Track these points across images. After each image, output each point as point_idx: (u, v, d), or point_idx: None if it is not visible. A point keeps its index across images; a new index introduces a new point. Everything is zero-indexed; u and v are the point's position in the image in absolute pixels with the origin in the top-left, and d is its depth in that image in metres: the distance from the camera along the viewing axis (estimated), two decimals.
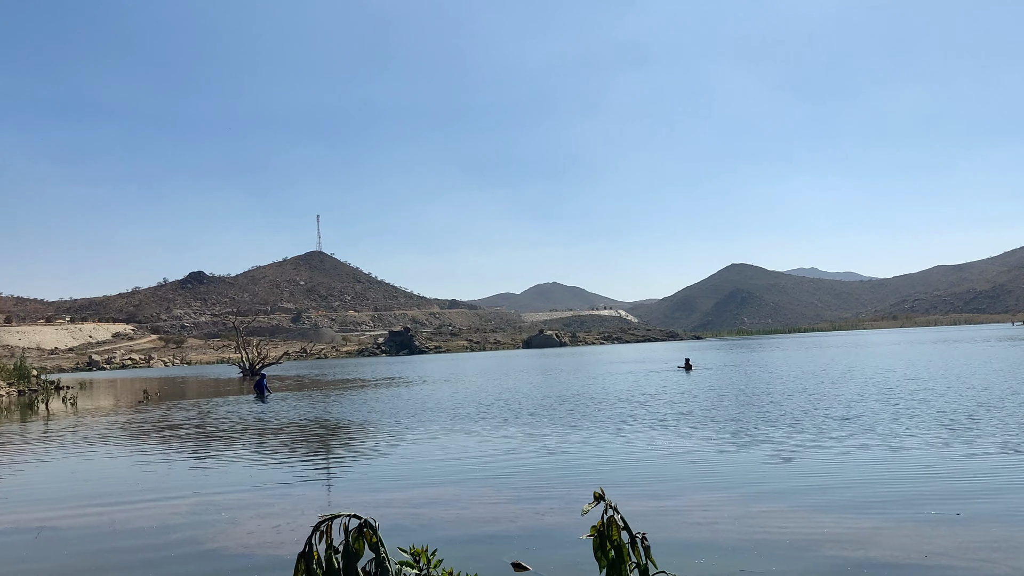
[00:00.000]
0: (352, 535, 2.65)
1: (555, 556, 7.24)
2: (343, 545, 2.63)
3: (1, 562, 7.82)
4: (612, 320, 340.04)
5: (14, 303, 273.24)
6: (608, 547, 2.33)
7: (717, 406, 20.59)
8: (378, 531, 2.63)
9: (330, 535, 2.64)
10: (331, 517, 2.60)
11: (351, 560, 2.59)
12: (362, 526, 2.65)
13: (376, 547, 2.62)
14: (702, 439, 14.51)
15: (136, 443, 18.42)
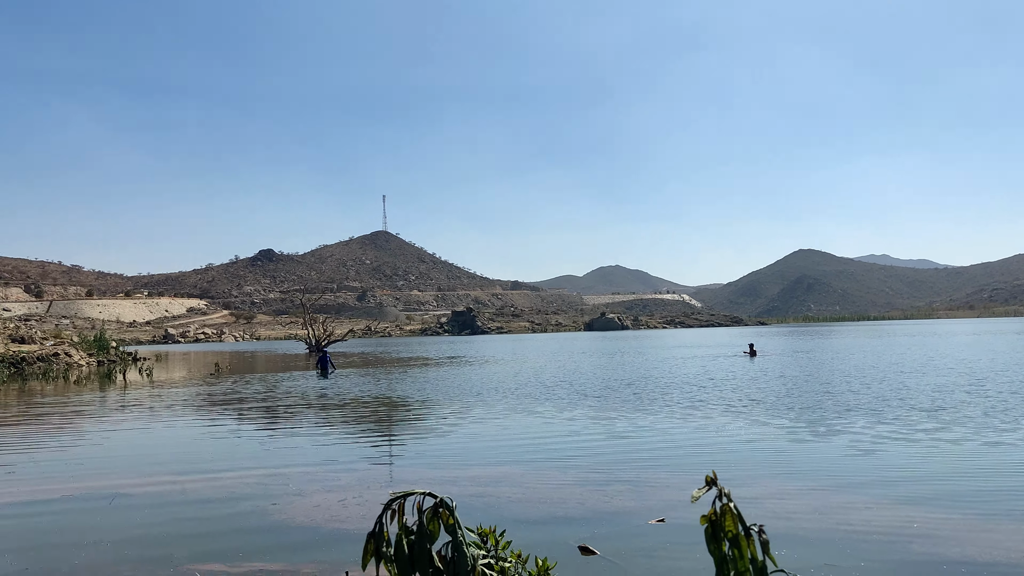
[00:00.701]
0: (426, 515, 2.41)
1: (624, 541, 6.97)
2: (416, 526, 2.39)
3: (77, 527, 7.93)
4: (675, 304, 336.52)
5: (95, 277, 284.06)
6: (722, 539, 2.01)
7: (790, 393, 19.93)
8: (455, 512, 2.38)
9: (402, 515, 2.40)
10: (403, 495, 2.37)
11: (425, 543, 2.34)
12: (437, 506, 2.40)
13: (453, 530, 2.37)
14: (775, 427, 13.99)
15: (207, 415, 18.74)
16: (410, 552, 2.35)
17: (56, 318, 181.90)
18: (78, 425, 16.95)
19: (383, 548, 2.38)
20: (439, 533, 2.40)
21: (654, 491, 8.97)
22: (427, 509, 2.41)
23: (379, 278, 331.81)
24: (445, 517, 2.40)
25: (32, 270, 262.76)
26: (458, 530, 2.38)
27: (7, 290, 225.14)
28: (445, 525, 2.41)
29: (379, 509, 8.10)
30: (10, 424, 17.57)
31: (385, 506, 2.38)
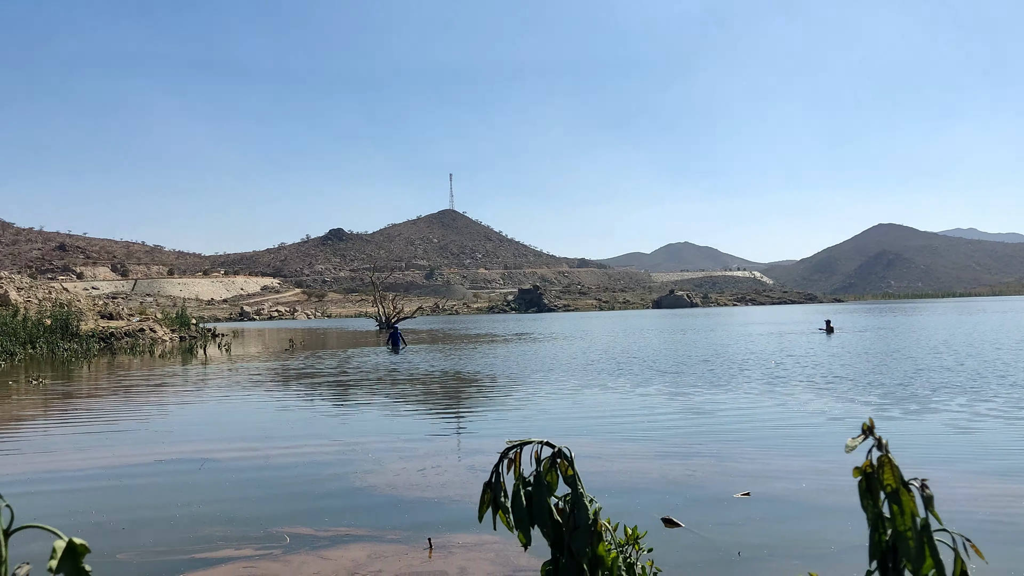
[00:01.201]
0: (544, 465, 2.27)
1: (708, 514, 6.80)
2: (534, 476, 2.26)
3: (170, 489, 8.18)
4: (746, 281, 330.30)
5: (176, 257, 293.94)
6: (879, 493, 1.80)
7: (876, 370, 19.24)
8: (574, 463, 2.24)
9: (519, 464, 2.27)
10: (520, 444, 2.23)
11: (544, 494, 2.21)
12: (555, 456, 2.26)
13: (573, 481, 2.23)
14: (863, 404, 13.49)
15: (284, 388, 19.12)
16: (528, 503, 2.21)
17: (140, 296, 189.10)
18: (165, 396, 17.49)
19: (500, 498, 2.26)
20: (557, 484, 2.27)
21: (738, 465, 8.73)
22: (545, 459, 2.27)
23: (446, 256, 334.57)
24: (564, 468, 2.26)
25: (118, 250, 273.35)
26: (578, 482, 2.24)
27: (95, 269, 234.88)
28: (564, 476, 2.27)
29: (457, 479, 8.20)
30: (104, 395, 18.24)
31: (501, 455, 2.26)
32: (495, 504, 2.19)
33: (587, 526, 2.14)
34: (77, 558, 1.33)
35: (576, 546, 2.15)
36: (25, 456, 10.35)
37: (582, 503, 2.14)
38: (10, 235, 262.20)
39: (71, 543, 1.31)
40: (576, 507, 2.14)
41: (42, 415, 14.75)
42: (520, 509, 2.13)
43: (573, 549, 2.15)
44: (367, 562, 5.67)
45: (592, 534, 2.17)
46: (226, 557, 5.83)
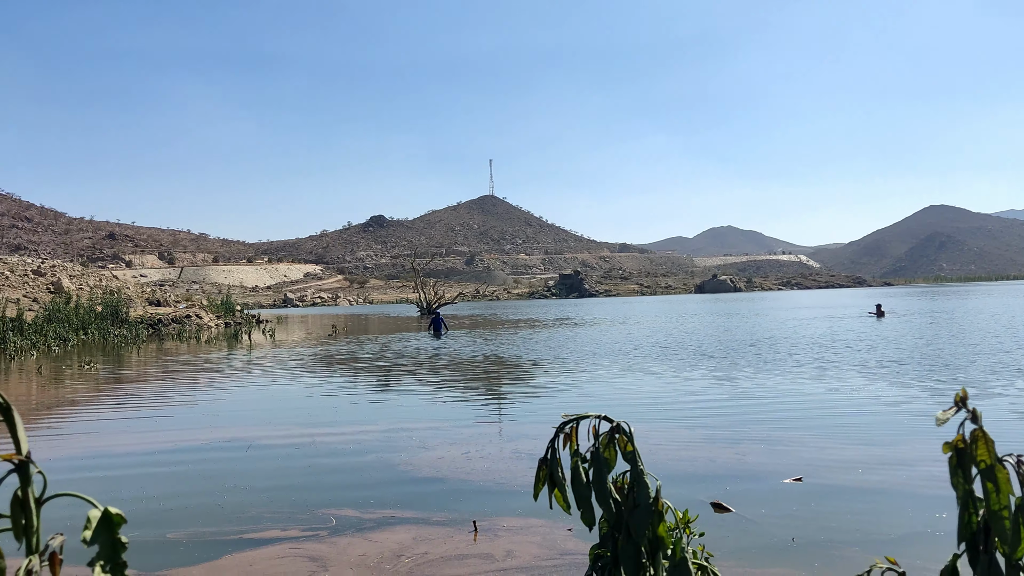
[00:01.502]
0: (602, 440, 2.16)
1: (758, 499, 6.64)
2: (592, 453, 2.14)
3: (221, 470, 8.26)
4: (791, 265, 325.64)
5: (220, 244, 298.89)
6: (970, 470, 1.65)
7: (932, 354, 18.71)
8: (633, 438, 2.12)
9: (575, 439, 2.16)
10: (576, 418, 2.12)
11: (602, 470, 2.09)
12: (614, 431, 2.14)
13: (633, 458, 2.11)
14: (920, 389, 13.12)
15: (327, 373, 19.26)
16: (587, 480, 2.10)
17: (187, 283, 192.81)
18: (211, 381, 17.73)
19: (557, 475, 2.14)
20: (615, 461, 2.15)
21: (789, 450, 8.52)
22: (603, 434, 2.15)
23: (486, 242, 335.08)
24: (623, 444, 2.14)
25: (165, 238, 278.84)
26: (638, 459, 2.11)
27: (143, 257, 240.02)
28: (623, 452, 2.15)
29: (501, 462, 8.12)
30: (152, 380, 18.56)
31: (557, 429, 2.14)
32: (551, 481, 2.08)
33: (648, 505, 2.02)
34: (113, 528, 1.25)
35: (636, 526, 2.03)
36: (77, 438, 10.55)
37: (643, 480, 2.02)
38: (62, 225, 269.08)
39: (107, 512, 1.23)
40: (636, 485, 2.02)
41: (93, 399, 15.05)
42: (581, 487, 2.01)
43: (632, 529, 2.04)
44: (412, 544, 5.64)
45: (653, 513, 2.06)
46: (273, 538, 5.84)
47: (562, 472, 2.16)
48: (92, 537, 1.21)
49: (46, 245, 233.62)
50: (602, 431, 2.11)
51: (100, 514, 1.22)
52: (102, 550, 1.20)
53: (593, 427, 2.14)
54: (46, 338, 32.37)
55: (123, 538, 1.24)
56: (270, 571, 5.16)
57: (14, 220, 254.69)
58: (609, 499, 2.08)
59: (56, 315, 36.25)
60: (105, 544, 1.22)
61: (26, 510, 1.16)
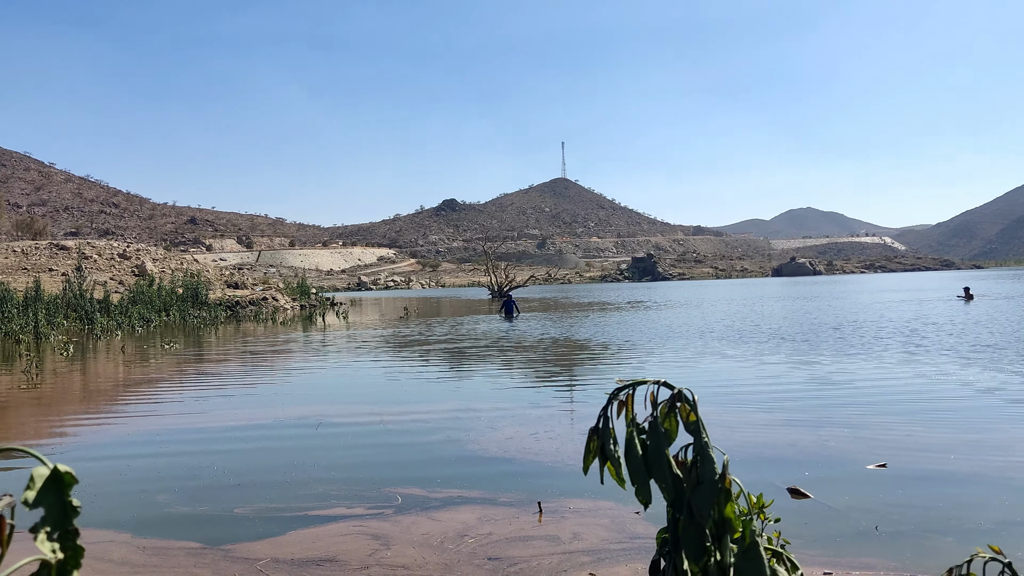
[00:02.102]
0: (661, 409, 1.92)
1: (839, 486, 6.28)
2: (649, 423, 1.90)
3: (290, 447, 8.33)
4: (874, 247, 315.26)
5: (297, 229, 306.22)
6: None
7: None
8: (697, 407, 1.87)
9: (631, 408, 1.93)
10: (632, 384, 1.88)
11: (661, 443, 1.85)
12: (674, 399, 1.91)
13: (696, 429, 1.86)
14: (1013, 374, 12.34)
15: (398, 354, 19.38)
16: (643, 453, 1.87)
17: (264, 266, 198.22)
18: (285, 361, 18.04)
19: (610, 447, 1.91)
20: (677, 433, 1.91)
21: (874, 436, 8.08)
22: (662, 403, 1.91)
23: (558, 225, 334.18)
24: (685, 413, 1.90)
25: (243, 223, 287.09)
26: (702, 430, 1.87)
27: (223, 241, 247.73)
28: (685, 423, 1.91)
29: (570, 443, 7.92)
30: (230, 359, 19.00)
31: (610, 396, 1.91)
32: (603, 454, 1.85)
33: (713, 481, 1.78)
34: (64, 489, 1.07)
35: (699, 505, 1.79)
36: (157, 415, 10.85)
37: (708, 454, 1.78)
38: (147, 210, 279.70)
39: (55, 471, 1.05)
40: (700, 459, 1.78)
41: (173, 378, 15.46)
42: (635, 460, 1.78)
43: (695, 508, 1.80)
44: (477, 524, 5.52)
45: (719, 491, 1.81)
46: (339, 515, 5.80)
47: (616, 444, 1.93)
48: (36, 499, 1.02)
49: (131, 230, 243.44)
50: (661, 399, 1.87)
51: (48, 473, 1.05)
52: (49, 514, 1.02)
53: (651, 394, 1.91)
54: (130, 319, 33.59)
55: (74, 501, 1.06)
56: (333, 548, 5.11)
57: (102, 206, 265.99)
58: (668, 474, 1.84)
59: (140, 297, 37.59)
60: (53, 507, 1.04)
61: None
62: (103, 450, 8.48)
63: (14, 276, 42.77)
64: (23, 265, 47.08)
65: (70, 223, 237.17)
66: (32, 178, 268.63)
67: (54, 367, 17.47)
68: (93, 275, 43.28)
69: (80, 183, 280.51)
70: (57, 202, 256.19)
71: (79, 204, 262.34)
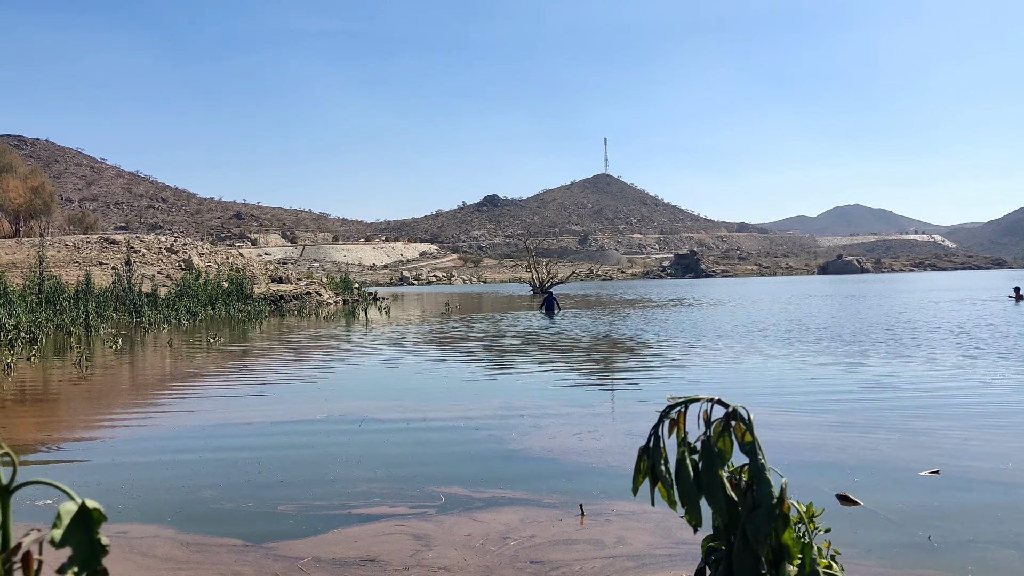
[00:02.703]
0: (715, 428, 1.83)
1: (889, 493, 6.08)
2: (702, 442, 1.82)
3: (334, 444, 8.34)
4: (924, 245, 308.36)
5: (340, 224, 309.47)
6: None
7: None
8: (753, 427, 1.78)
9: (683, 426, 1.84)
10: (685, 401, 1.79)
11: (715, 464, 1.77)
12: (729, 417, 1.82)
13: (752, 450, 1.76)
14: None
15: (440, 350, 19.40)
16: (695, 475, 1.78)
17: (307, 261, 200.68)
18: (329, 356, 18.19)
19: (660, 468, 1.83)
20: (731, 453, 1.82)
21: (928, 441, 7.84)
22: (716, 421, 1.82)
23: (600, 221, 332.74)
24: (740, 432, 1.80)
25: (287, 218, 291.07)
26: (758, 451, 1.77)
27: (267, 236, 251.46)
28: (740, 443, 1.81)
29: (614, 444, 7.81)
30: (274, 354, 19.22)
31: (661, 414, 1.82)
32: (653, 474, 1.77)
33: (771, 506, 1.69)
34: (91, 526, 1.01)
35: (755, 530, 1.70)
36: (203, 409, 10.99)
37: (764, 477, 1.68)
38: (194, 205, 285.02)
39: (83, 507, 1.00)
40: (756, 481, 1.68)
41: (219, 371, 15.68)
42: (687, 482, 1.69)
43: (751, 534, 1.71)
44: (519, 526, 5.45)
45: (777, 516, 1.72)
46: (381, 514, 5.78)
47: (667, 464, 1.84)
48: (63, 537, 0.97)
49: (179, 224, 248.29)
50: (715, 417, 1.79)
51: (76, 509, 0.99)
52: (76, 553, 0.97)
53: (704, 412, 1.82)
54: (177, 312, 34.20)
55: (103, 538, 1.00)
56: (374, 548, 5.09)
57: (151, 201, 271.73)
58: (722, 497, 1.75)
59: (186, 291, 38.27)
60: (81, 546, 0.99)
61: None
62: (150, 444, 8.60)
63: (66, 269, 43.89)
64: (74, 259, 48.28)
65: (120, 217, 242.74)
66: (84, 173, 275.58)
67: (103, 360, 17.85)
68: (141, 269, 44.19)
69: (130, 178, 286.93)
70: (108, 197, 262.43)
71: (129, 199, 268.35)
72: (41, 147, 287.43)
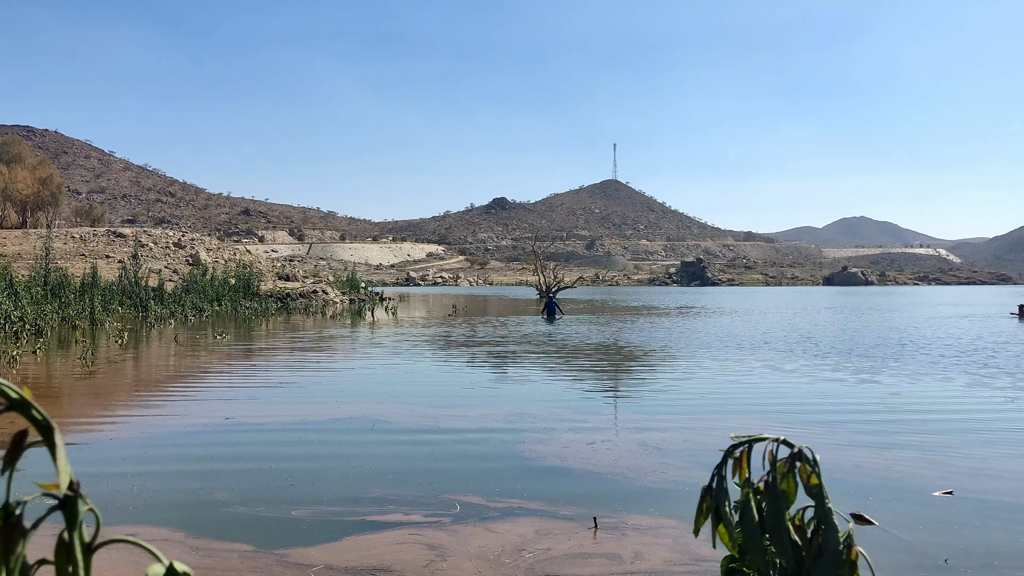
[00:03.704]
0: (779, 469, 1.75)
1: (905, 512, 6.00)
2: (766, 482, 1.73)
3: (346, 446, 8.30)
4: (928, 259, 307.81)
5: (348, 223, 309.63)
6: None
7: None
8: (819, 466, 1.70)
9: (746, 466, 1.76)
10: (749, 440, 1.71)
11: (780, 506, 1.68)
12: (794, 458, 1.73)
13: (818, 493, 1.68)
14: None
15: (449, 353, 19.34)
16: (760, 517, 1.70)
17: (315, 259, 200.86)
18: (336, 356, 18.12)
19: (725, 509, 1.74)
20: (795, 495, 1.74)
21: (943, 460, 7.74)
22: (780, 461, 1.74)
23: (608, 227, 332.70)
24: (805, 474, 1.72)
25: (295, 216, 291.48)
26: (824, 494, 1.69)
27: (275, 233, 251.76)
28: (805, 486, 1.73)
29: (628, 455, 7.73)
30: (282, 353, 19.17)
31: (726, 453, 1.74)
32: (716, 515, 1.69)
33: (837, 552, 1.61)
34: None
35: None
36: (211, 408, 10.89)
37: (831, 521, 1.60)
38: (202, 200, 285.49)
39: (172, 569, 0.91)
40: (823, 526, 1.61)
41: (227, 370, 15.61)
42: (751, 525, 1.62)
43: None
44: (535, 539, 5.37)
45: (843, 563, 1.63)
46: (395, 522, 5.70)
47: (729, 506, 1.76)
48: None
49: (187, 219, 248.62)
50: (781, 457, 1.70)
51: (163, 572, 0.91)
52: None
53: (770, 452, 1.73)
54: (183, 308, 34.17)
55: None
56: (388, 557, 5.01)
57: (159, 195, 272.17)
58: (788, 542, 1.67)
59: (193, 286, 38.24)
60: None
61: (71, 557, 0.86)
62: (159, 443, 8.52)
63: (72, 262, 43.92)
64: (80, 251, 48.32)
65: (127, 211, 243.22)
66: (92, 165, 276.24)
67: (109, 355, 17.80)
68: (148, 263, 44.20)
69: (138, 172, 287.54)
70: (116, 190, 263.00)
71: (137, 192, 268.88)
72: (50, 138, 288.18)
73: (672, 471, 7.23)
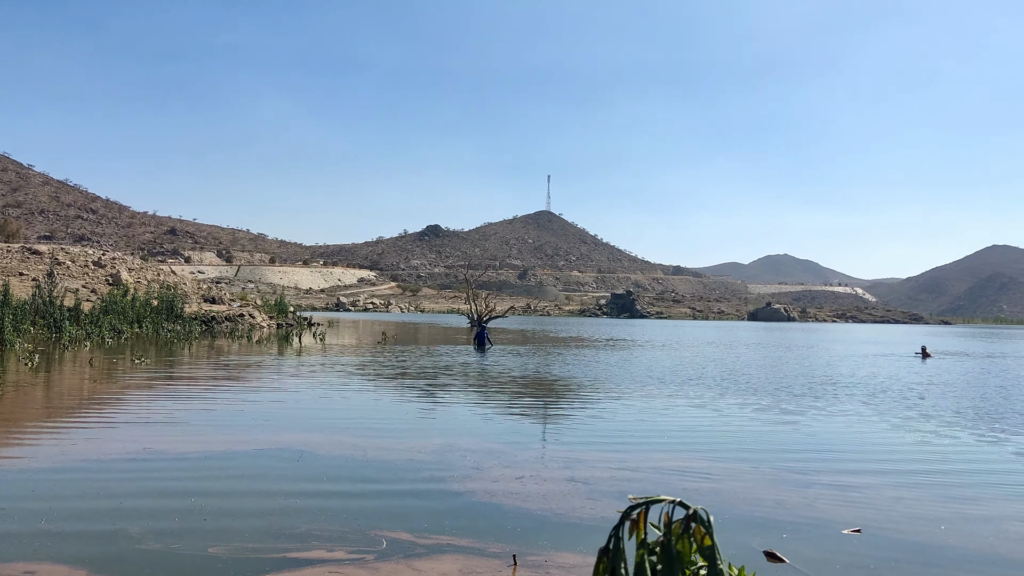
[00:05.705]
0: (675, 530, 1.82)
1: (816, 550, 6.17)
2: (662, 544, 1.80)
3: (270, 478, 8.08)
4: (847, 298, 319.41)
5: (278, 245, 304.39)
6: None
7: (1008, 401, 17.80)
8: (712, 530, 1.78)
9: (643, 527, 1.82)
10: (646, 502, 1.78)
11: (673, 567, 1.75)
12: (689, 519, 1.81)
13: (712, 554, 1.76)
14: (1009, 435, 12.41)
15: (378, 382, 19.14)
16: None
17: (243, 282, 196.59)
18: (262, 383, 17.74)
19: (620, 571, 1.80)
20: (690, 555, 1.81)
21: (860, 498, 8.00)
22: (676, 522, 1.81)
23: (540, 257, 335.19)
24: (700, 535, 1.80)
25: (224, 237, 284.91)
26: (717, 556, 1.76)
27: (202, 254, 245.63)
28: (699, 546, 1.81)
29: (557, 490, 7.76)
30: (204, 379, 18.66)
31: (623, 515, 1.80)
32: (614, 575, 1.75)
33: None
34: None
35: None
36: (127, 436, 10.46)
37: None
38: (126, 218, 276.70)
39: None
40: None
41: (144, 397, 15.10)
42: None
43: None
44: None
45: None
46: (317, 559, 5.57)
47: (626, 567, 1.82)
48: None
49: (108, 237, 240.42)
50: (676, 518, 1.78)
51: None
52: None
53: (666, 515, 1.81)
54: (101, 330, 32.97)
55: None
56: None
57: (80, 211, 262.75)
58: None
59: (112, 307, 36.93)
60: None
61: None
62: (68, 471, 8.15)
63: None
64: None
65: (45, 227, 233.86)
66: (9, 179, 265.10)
67: (18, 377, 17.06)
68: (65, 282, 42.57)
69: (58, 187, 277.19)
70: (33, 204, 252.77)
71: (55, 208, 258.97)
72: None
73: (600, 507, 7.28)
